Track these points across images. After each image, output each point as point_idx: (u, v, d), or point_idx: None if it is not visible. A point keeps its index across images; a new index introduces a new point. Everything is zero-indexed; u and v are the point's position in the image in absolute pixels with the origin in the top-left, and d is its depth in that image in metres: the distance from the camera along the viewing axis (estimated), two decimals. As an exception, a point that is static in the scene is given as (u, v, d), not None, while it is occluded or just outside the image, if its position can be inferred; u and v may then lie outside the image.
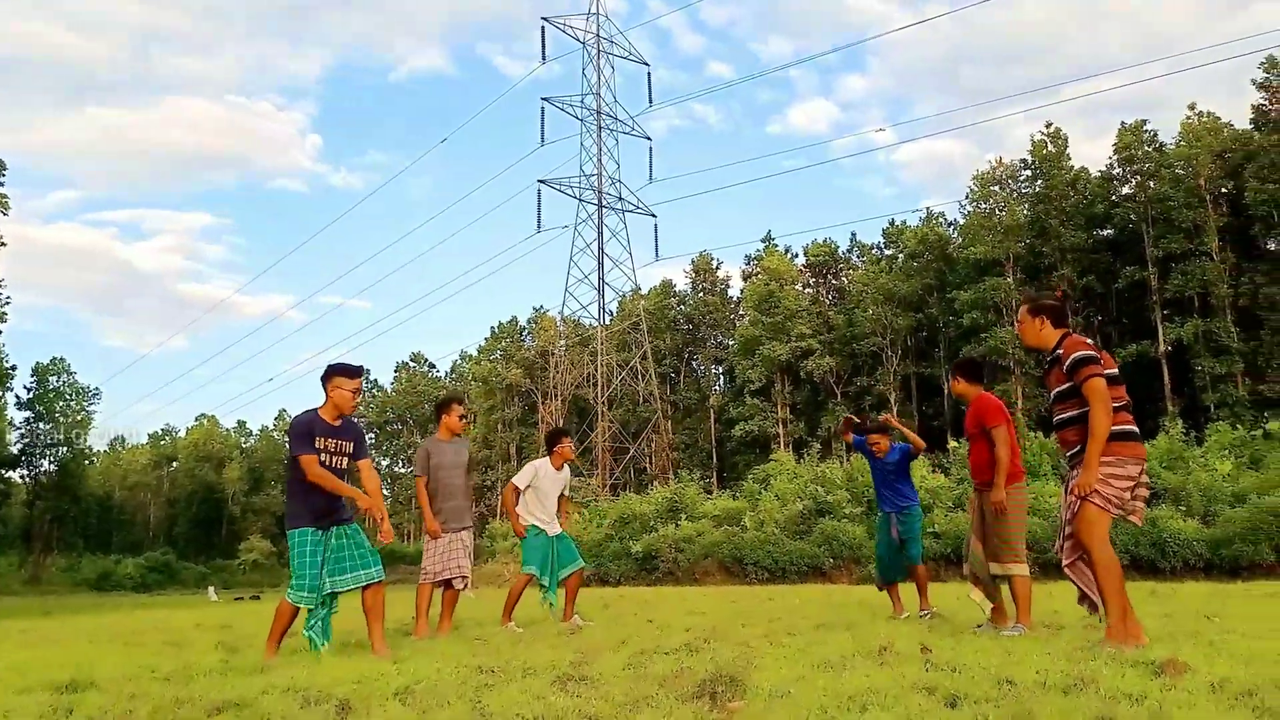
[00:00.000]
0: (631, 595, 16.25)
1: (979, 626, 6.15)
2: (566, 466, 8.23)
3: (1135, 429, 4.92)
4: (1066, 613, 7.44)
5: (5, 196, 35.57)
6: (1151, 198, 42.26)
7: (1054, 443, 27.85)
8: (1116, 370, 4.98)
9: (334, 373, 5.55)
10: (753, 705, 3.04)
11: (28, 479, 65.07)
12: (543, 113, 49.60)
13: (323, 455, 5.39)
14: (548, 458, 8.08)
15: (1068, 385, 4.91)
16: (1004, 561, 6.06)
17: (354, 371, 5.61)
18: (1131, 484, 4.82)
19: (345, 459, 5.52)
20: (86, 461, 70.54)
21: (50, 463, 64.97)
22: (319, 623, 5.44)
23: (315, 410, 5.52)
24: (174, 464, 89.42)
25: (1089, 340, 4.99)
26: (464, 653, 5.00)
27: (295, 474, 5.40)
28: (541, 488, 7.93)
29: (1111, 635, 4.56)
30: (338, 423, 5.50)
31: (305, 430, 5.40)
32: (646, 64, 53.53)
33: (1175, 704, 2.80)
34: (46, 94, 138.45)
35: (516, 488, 7.89)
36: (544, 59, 50.83)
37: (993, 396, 6.67)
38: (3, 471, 59.31)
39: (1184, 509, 19.94)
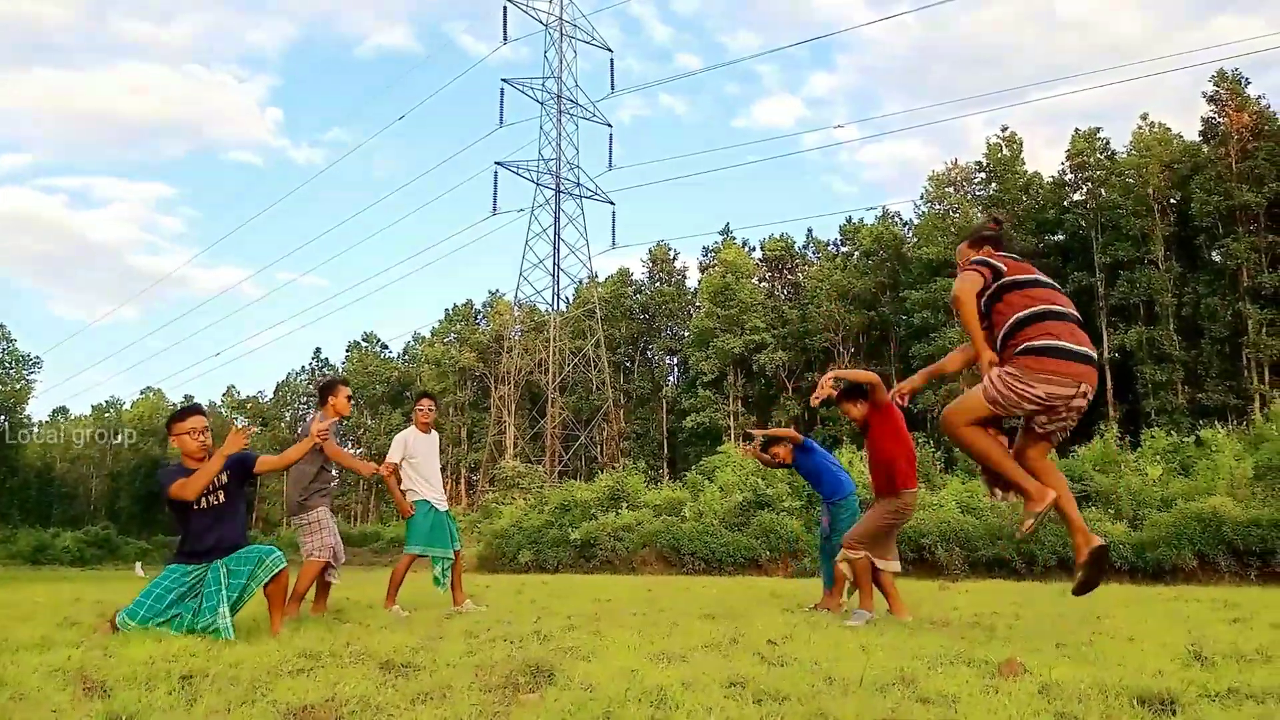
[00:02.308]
0: (555, 582, 16.06)
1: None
2: (435, 432, 7.98)
3: (1061, 343, 4.28)
4: (965, 609, 7.36)
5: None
6: (1101, 205, 42.79)
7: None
8: (1034, 275, 4.59)
9: (170, 423, 5.48)
10: (548, 696, 2.85)
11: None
12: (502, 94, 49.21)
13: (203, 500, 5.21)
14: (412, 425, 7.83)
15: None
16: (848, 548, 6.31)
17: (184, 413, 5.46)
18: (1046, 405, 4.27)
19: (224, 491, 5.30)
20: (25, 431, 68.97)
21: (-14, 431, 63.49)
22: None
23: (179, 462, 5.39)
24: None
25: (1019, 257, 4.73)
26: (306, 636, 4.77)
27: (176, 516, 5.31)
28: (417, 455, 7.66)
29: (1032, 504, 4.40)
30: (198, 466, 5.30)
31: (168, 482, 5.21)
32: (609, 49, 53.26)
33: (983, 708, 2.65)
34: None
35: (394, 463, 7.61)
36: (505, 39, 50.36)
37: None
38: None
39: (1113, 512, 20.15)
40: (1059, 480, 4.66)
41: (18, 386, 64.01)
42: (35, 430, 75.54)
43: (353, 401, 7.19)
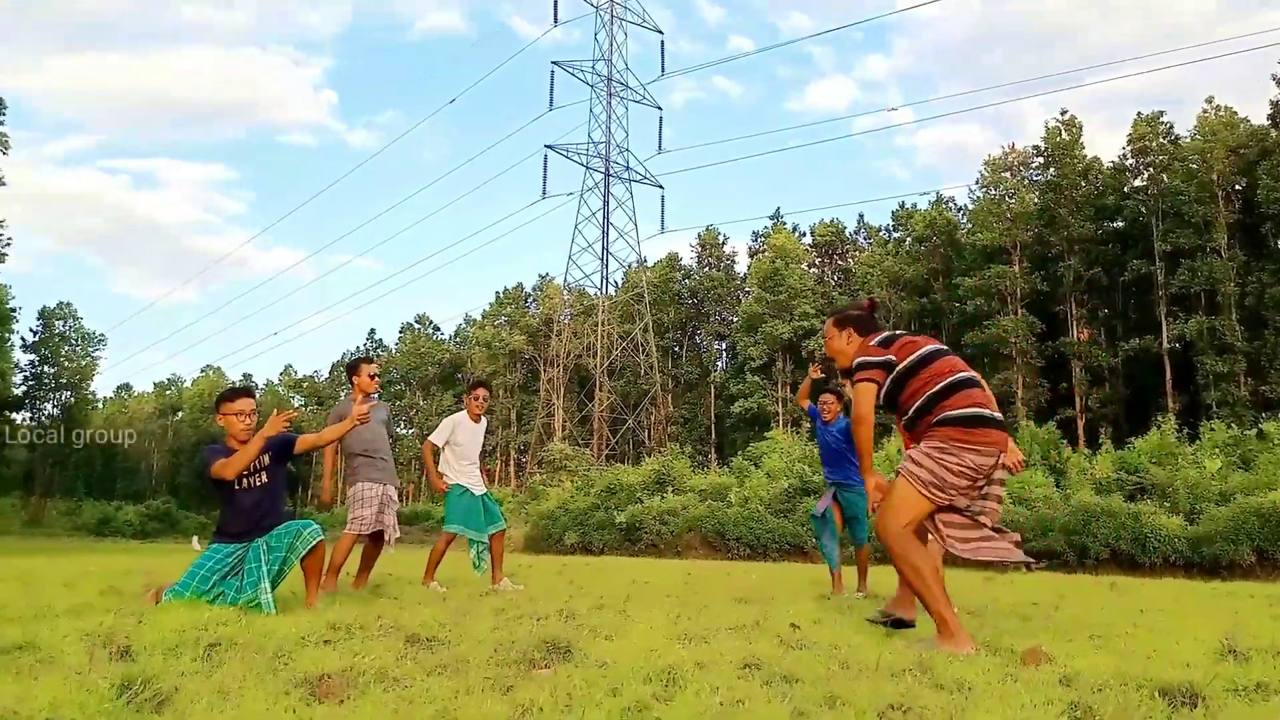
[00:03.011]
0: (597, 564, 16.16)
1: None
2: (484, 419, 8.04)
3: (984, 411, 4.05)
4: (1004, 600, 7.26)
5: (5, 135, 35.47)
6: (1163, 191, 41.71)
7: (1042, 432, 27.76)
8: (928, 347, 4.23)
9: (219, 402, 5.53)
10: (560, 672, 2.87)
11: (31, 422, 65.43)
12: (552, 77, 49.25)
13: (243, 480, 5.30)
14: (464, 411, 7.90)
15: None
16: None
17: (233, 394, 5.53)
18: (972, 476, 4.01)
19: (265, 472, 5.37)
20: (90, 407, 70.93)
21: (54, 407, 65.38)
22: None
23: (223, 441, 5.48)
24: (178, 414, 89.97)
25: (893, 334, 4.36)
26: (339, 609, 4.85)
27: (217, 495, 5.40)
28: (461, 443, 7.75)
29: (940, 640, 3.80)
30: (240, 447, 5.40)
31: (215, 456, 5.31)
32: (660, 31, 53.00)
33: (995, 695, 2.61)
34: (57, 34, 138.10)
35: (435, 445, 7.73)
36: (555, 21, 50.34)
37: None
38: (6, 413, 59.65)
39: (1168, 505, 19.72)
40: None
41: (84, 363, 65.77)
42: (98, 406, 77.64)
43: (377, 379, 7.27)
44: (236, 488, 5.30)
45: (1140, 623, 5.27)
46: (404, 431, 77.65)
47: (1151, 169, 43.06)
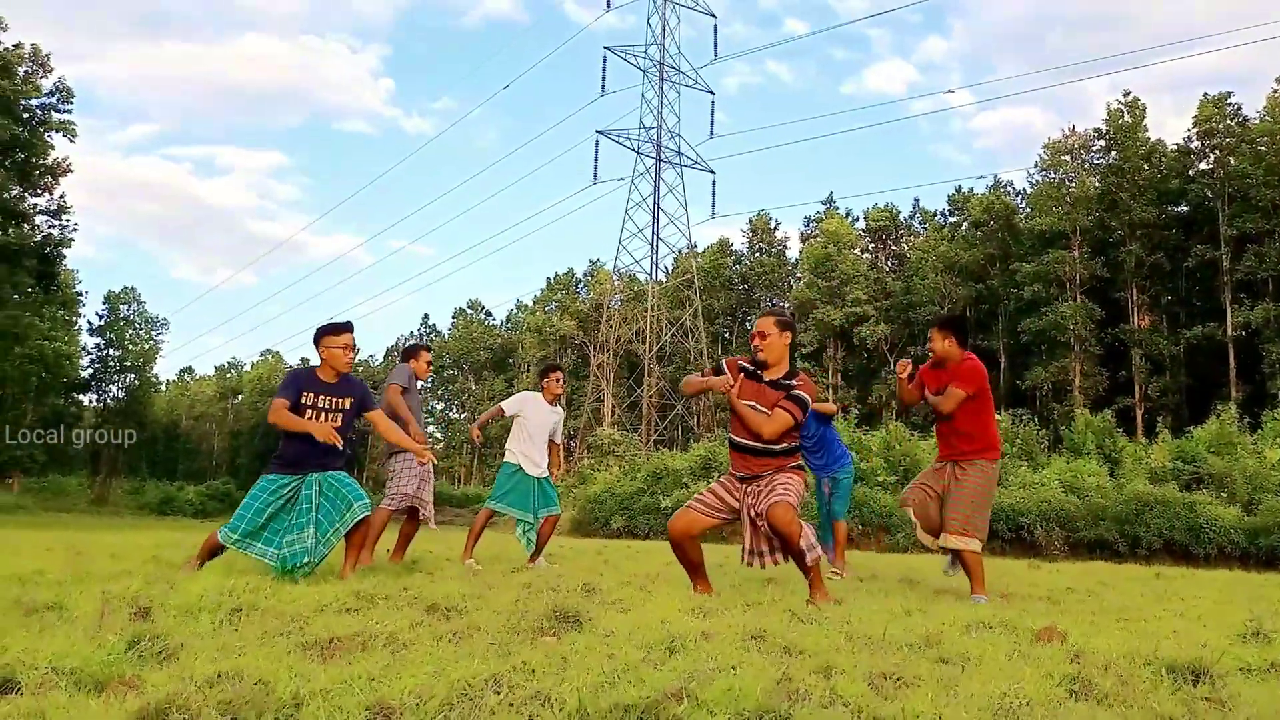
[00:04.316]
0: (640, 546, 16.21)
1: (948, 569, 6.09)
2: (560, 406, 8.02)
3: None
4: (1042, 585, 7.16)
5: (73, 123, 36.42)
6: (1230, 174, 40.46)
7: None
8: None
9: (323, 333, 5.60)
10: (565, 640, 2.91)
11: (97, 404, 67.32)
12: (604, 62, 49.14)
13: (310, 412, 5.40)
14: (540, 391, 7.91)
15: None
16: (965, 535, 5.64)
17: (339, 328, 5.63)
18: None
19: (341, 415, 5.50)
20: (153, 390, 72.76)
21: (119, 389, 67.19)
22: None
23: (312, 368, 5.60)
24: (238, 397, 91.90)
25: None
26: (368, 581, 4.94)
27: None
28: (531, 420, 7.72)
29: None
30: (334, 380, 5.50)
31: (290, 381, 5.50)
32: (713, 15, 52.53)
33: (995, 668, 2.59)
34: (121, 23, 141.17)
35: (503, 411, 7.77)
36: (608, 6, 50.24)
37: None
38: (74, 395, 61.43)
39: (1226, 495, 19.24)
40: None
41: (147, 346, 67.42)
42: (161, 389, 79.60)
43: (432, 366, 7.38)
44: (310, 417, 5.38)
45: (1172, 608, 5.17)
46: (457, 416, 78.60)
47: (1218, 151, 41.78)
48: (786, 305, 54.91)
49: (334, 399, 5.49)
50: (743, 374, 4.93)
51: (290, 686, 1.87)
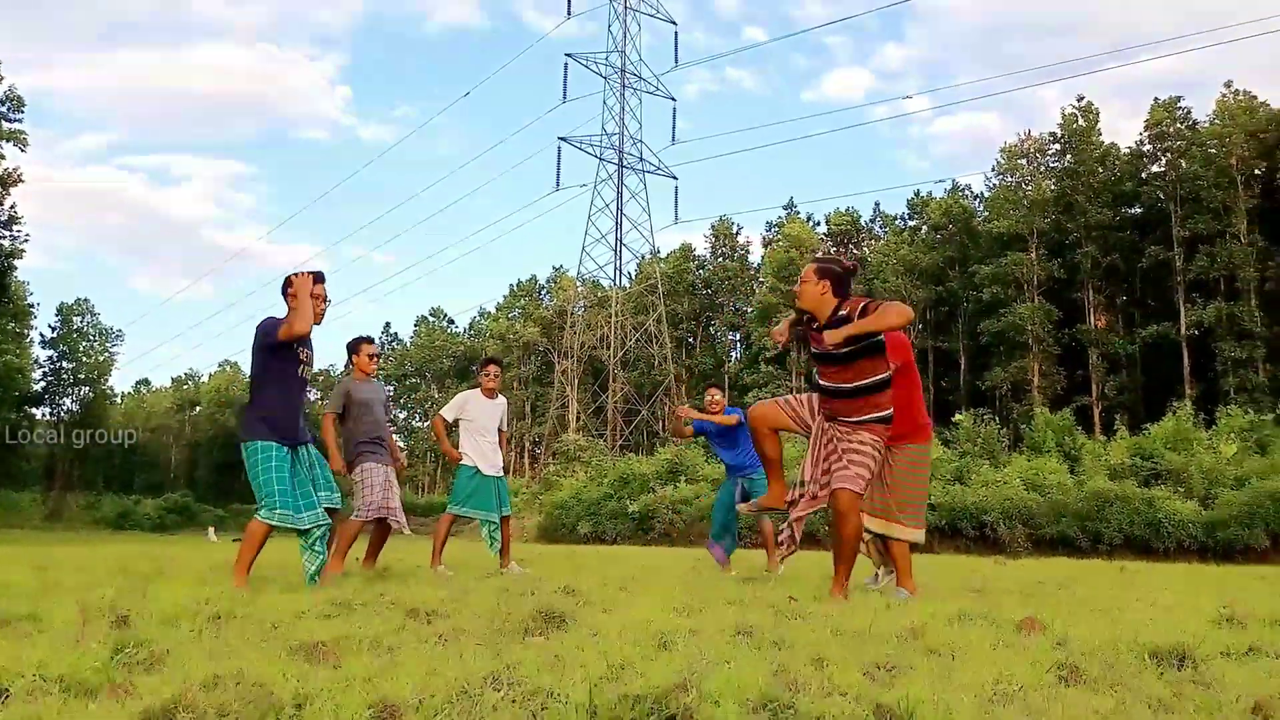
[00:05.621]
0: (609, 551, 16.21)
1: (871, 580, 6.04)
2: (501, 398, 8.01)
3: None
4: (1010, 579, 7.25)
5: (24, 134, 35.82)
6: (1181, 177, 41.28)
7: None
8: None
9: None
10: (554, 639, 2.90)
11: (51, 417, 66.03)
12: (566, 69, 49.18)
13: (302, 368, 5.25)
14: (477, 388, 7.86)
15: (850, 349, 4.54)
16: (899, 523, 5.41)
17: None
18: None
19: (308, 368, 5.38)
20: (109, 402, 71.49)
21: (73, 402, 65.95)
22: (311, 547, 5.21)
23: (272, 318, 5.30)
24: (196, 409, 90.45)
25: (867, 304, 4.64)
26: (344, 587, 4.89)
27: (267, 376, 5.18)
28: (477, 419, 7.69)
29: None
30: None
31: (276, 323, 5.16)
32: (674, 22, 52.81)
33: (984, 658, 2.62)
34: (78, 33, 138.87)
35: (445, 419, 7.73)
36: (569, 14, 50.28)
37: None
38: (26, 408, 60.19)
39: (1183, 490, 19.60)
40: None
41: (102, 359, 66.30)
42: (116, 401, 78.26)
43: (376, 359, 7.17)
44: (294, 371, 5.21)
45: (1143, 598, 5.26)
46: (420, 425, 77.95)
47: (1169, 155, 42.62)
48: (828, 258, 55.15)
49: (309, 352, 5.36)
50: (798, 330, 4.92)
51: (289, 687, 1.85)
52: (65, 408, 65.58)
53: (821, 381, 4.80)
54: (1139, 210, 44.63)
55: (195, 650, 2.49)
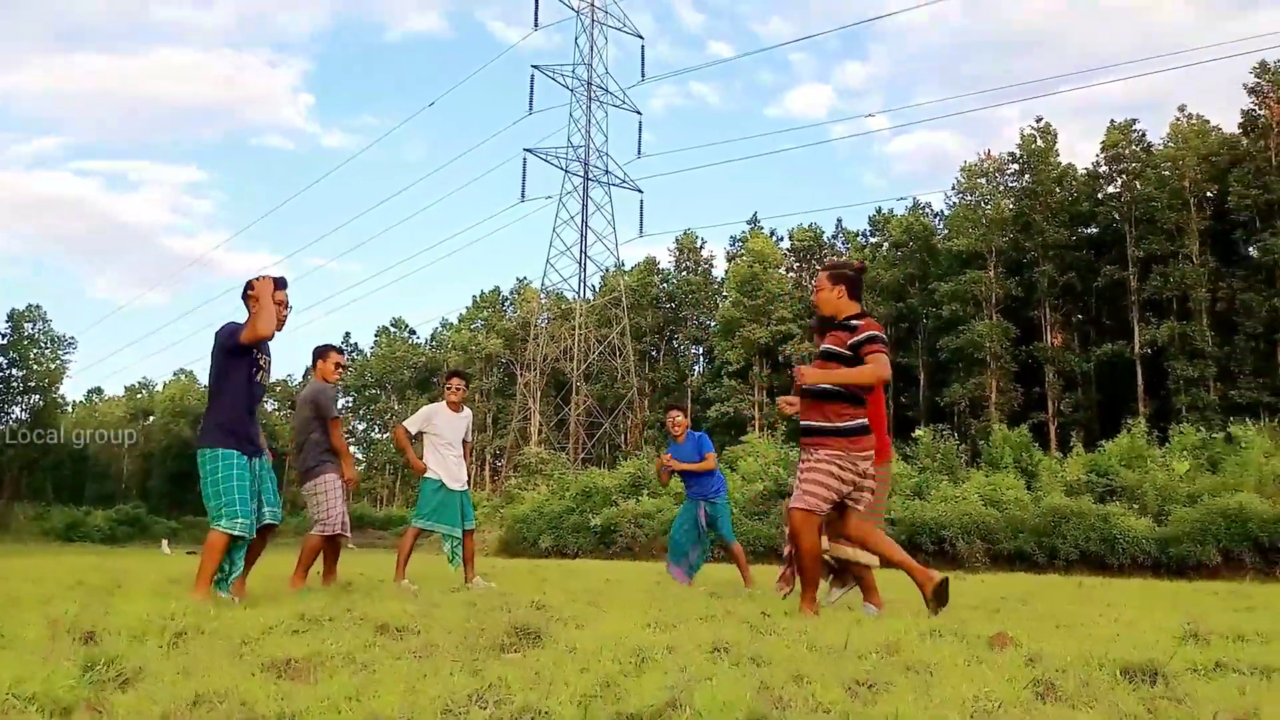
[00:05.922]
0: (572, 565, 16.15)
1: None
2: (467, 410, 7.97)
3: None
4: (973, 595, 7.32)
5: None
6: (1136, 198, 42.17)
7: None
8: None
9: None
10: (530, 655, 2.88)
11: (-1, 426, 64.48)
12: (532, 81, 49.22)
13: (260, 374, 5.20)
14: (443, 402, 7.81)
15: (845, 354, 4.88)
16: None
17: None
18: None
19: (269, 377, 5.37)
20: (59, 411, 69.99)
21: (22, 410, 64.49)
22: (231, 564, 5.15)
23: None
24: (150, 418, 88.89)
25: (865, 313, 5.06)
26: (310, 603, 4.82)
27: (226, 383, 5.12)
28: (443, 433, 7.64)
29: None
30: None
31: (236, 329, 5.11)
32: (640, 36, 53.10)
33: (961, 674, 2.64)
34: (30, 35, 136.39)
35: (407, 431, 7.67)
36: (536, 25, 50.36)
37: None
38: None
39: (1137, 507, 19.91)
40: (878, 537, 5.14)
41: (53, 366, 64.87)
42: (67, 410, 76.70)
43: (342, 370, 7.09)
44: (253, 377, 5.16)
45: (1106, 614, 5.33)
46: (379, 436, 77.22)
47: (1125, 176, 43.54)
48: (840, 263, 55.33)
49: (267, 358, 5.35)
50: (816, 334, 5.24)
51: (274, 707, 1.82)
52: (14, 416, 64.03)
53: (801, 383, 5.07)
54: (1095, 230, 45.52)
55: (167, 667, 2.44)
